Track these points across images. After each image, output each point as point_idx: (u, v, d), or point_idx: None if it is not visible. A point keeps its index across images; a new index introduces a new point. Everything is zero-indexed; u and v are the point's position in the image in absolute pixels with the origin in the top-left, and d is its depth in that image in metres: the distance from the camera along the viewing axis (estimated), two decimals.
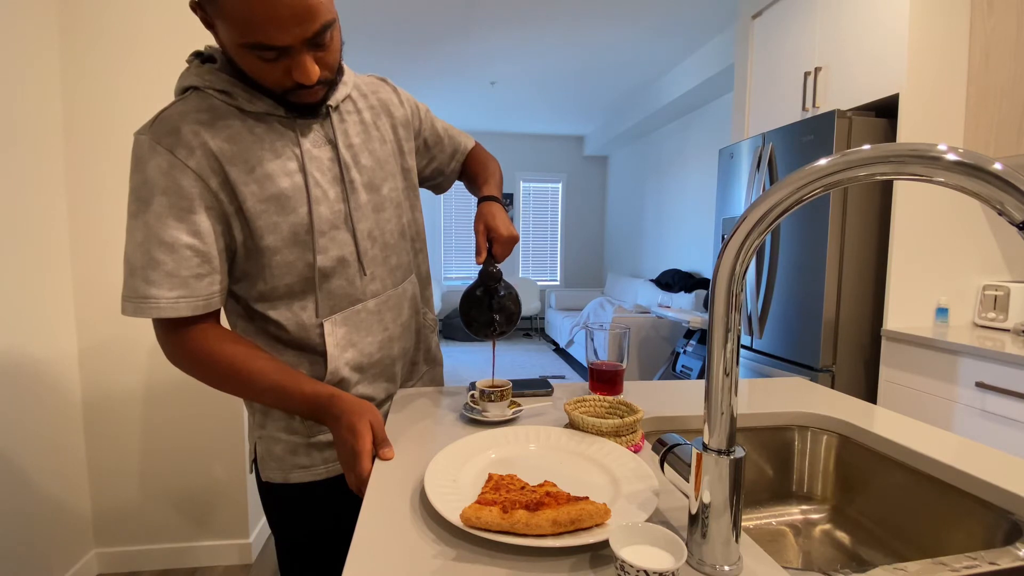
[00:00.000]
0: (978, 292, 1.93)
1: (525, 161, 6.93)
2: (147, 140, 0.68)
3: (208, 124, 0.70)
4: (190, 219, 0.68)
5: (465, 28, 3.54)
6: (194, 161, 0.68)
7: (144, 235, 0.67)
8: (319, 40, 0.65)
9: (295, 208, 0.74)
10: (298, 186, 0.74)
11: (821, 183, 0.40)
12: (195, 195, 0.68)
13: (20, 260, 1.52)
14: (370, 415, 0.69)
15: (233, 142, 0.70)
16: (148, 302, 0.67)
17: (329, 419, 0.70)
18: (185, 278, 0.68)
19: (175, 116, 0.69)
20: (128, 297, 0.68)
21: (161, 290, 0.67)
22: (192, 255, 0.69)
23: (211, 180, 0.69)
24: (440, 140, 0.99)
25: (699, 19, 3.38)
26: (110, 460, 1.81)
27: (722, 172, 2.58)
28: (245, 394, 0.74)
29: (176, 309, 0.68)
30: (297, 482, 0.83)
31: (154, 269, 0.67)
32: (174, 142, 0.68)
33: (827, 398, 0.97)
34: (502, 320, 0.85)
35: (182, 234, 0.68)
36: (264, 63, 0.65)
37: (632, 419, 0.72)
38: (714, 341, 0.45)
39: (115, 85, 1.69)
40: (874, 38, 1.93)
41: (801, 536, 0.82)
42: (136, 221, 0.68)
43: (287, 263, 0.75)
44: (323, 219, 0.76)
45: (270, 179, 0.72)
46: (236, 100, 0.71)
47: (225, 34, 0.64)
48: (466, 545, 0.50)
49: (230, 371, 0.71)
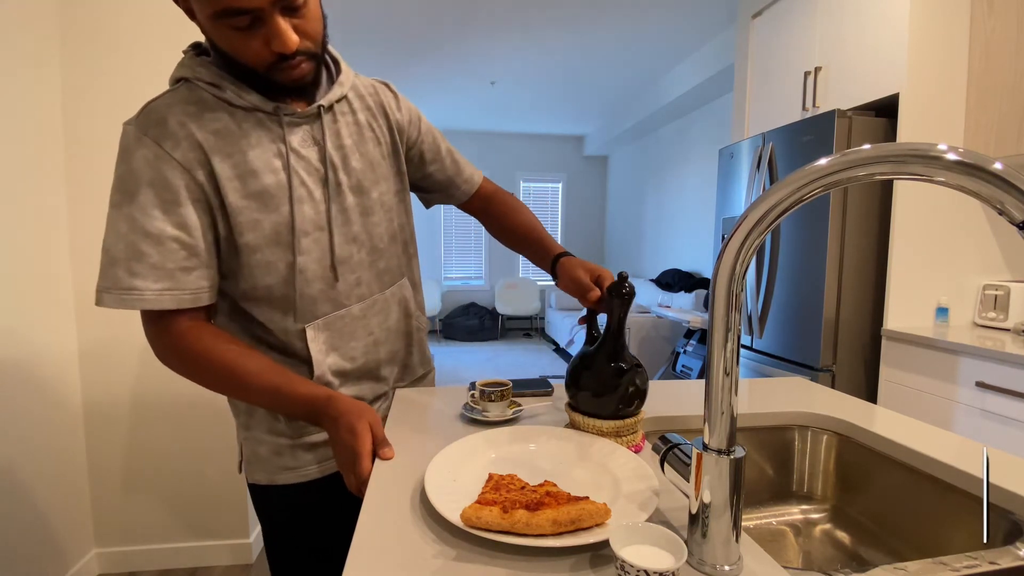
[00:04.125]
0: (978, 292, 1.93)
1: (525, 161, 6.93)
2: (133, 130, 0.67)
3: (195, 116, 0.69)
4: (176, 211, 0.67)
5: (465, 28, 3.54)
6: (180, 153, 0.67)
7: (128, 226, 0.66)
8: (291, 2, 0.64)
9: (277, 207, 0.72)
10: (282, 184, 0.72)
11: (821, 183, 0.40)
12: (181, 187, 0.67)
13: (20, 260, 1.52)
14: (369, 416, 0.68)
15: (219, 135, 0.69)
16: (132, 293, 0.65)
17: (326, 421, 0.69)
18: (171, 270, 0.67)
19: (162, 107, 0.69)
20: (108, 288, 0.65)
21: (146, 282, 0.66)
22: (179, 248, 0.67)
23: (197, 172, 0.68)
24: (439, 158, 0.95)
25: (699, 19, 3.38)
26: (110, 460, 1.81)
27: (722, 172, 2.58)
28: (238, 394, 0.72)
29: (160, 301, 0.66)
30: (285, 483, 0.82)
31: (139, 261, 0.65)
32: (160, 133, 0.67)
33: (827, 398, 0.97)
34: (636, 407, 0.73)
35: (168, 226, 0.67)
36: (239, 35, 0.64)
37: (632, 419, 0.72)
38: (714, 341, 0.45)
39: (115, 85, 1.69)
40: (874, 38, 1.93)
41: (801, 536, 0.82)
42: (119, 212, 0.66)
43: (267, 263, 0.73)
44: (307, 219, 0.74)
45: (254, 175, 0.71)
46: (224, 93, 0.70)
47: (199, 10, 0.63)
48: (466, 545, 0.50)
49: (223, 371, 0.69)
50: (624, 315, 0.73)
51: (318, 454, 0.83)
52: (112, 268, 0.65)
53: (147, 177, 0.66)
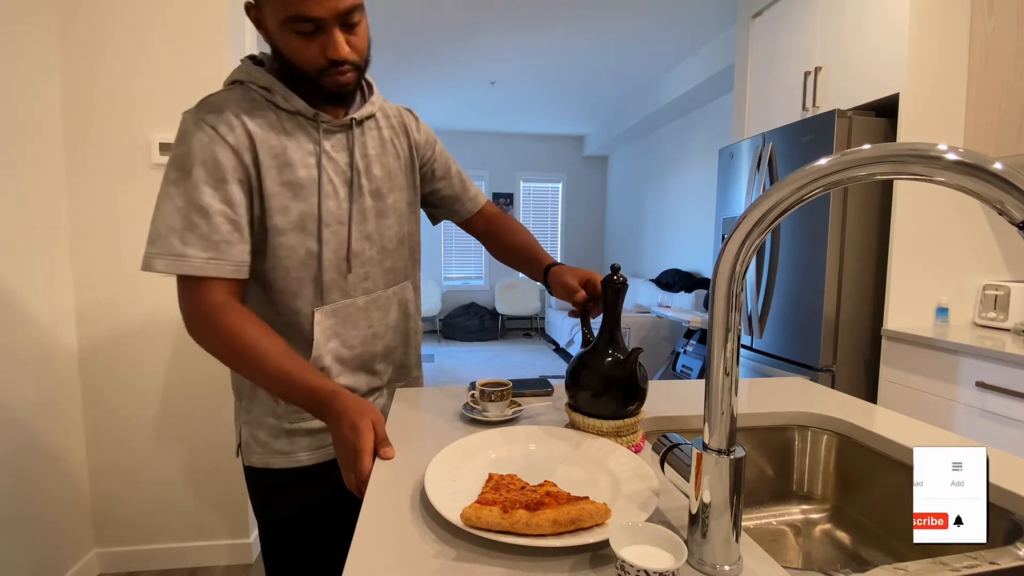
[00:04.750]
0: (978, 292, 1.93)
1: (525, 161, 6.93)
2: (192, 117, 0.76)
3: (247, 111, 0.79)
4: (224, 188, 0.75)
5: (465, 28, 3.54)
6: (233, 137, 0.76)
7: (184, 200, 0.73)
8: (349, 19, 0.75)
9: (306, 197, 0.81)
10: (312, 179, 0.82)
11: (821, 183, 0.40)
12: (230, 167, 0.75)
13: (20, 260, 1.52)
14: (372, 414, 0.70)
15: (265, 128, 0.79)
16: (182, 260, 0.72)
17: (330, 416, 0.71)
18: (216, 242, 0.74)
19: (220, 100, 0.78)
20: (160, 254, 0.72)
21: (195, 250, 0.73)
22: (224, 221, 0.75)
23: (244, 155, 0.77)
24: (448, 176, 1.05)
25: (699, 19, 3.38)
26: (110, 460, 1.81)
27: (722, 172, 2.58)
28: (251, 373, 0.76)
29: (207, 269, 0.73)
30: (278, 467, 0.86)
31: (190, 231, 0.73)
32: (217, 120, 0.76)
33: (827, 398, 0.97)
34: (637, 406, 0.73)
35: (216, 202, 0.74)
36: (301, 40, 0.74)
37: (632, 419, 0.72)
38: (714, 341, 0.45)
39: (115, 85, 1.69)
40: (874, 38, 1.93)
41: (801, 536, 0.82)
42: (176, 188, 0.74)
43: (289, 246, 0.81)
44: (330, 213, 0.83)
45: (289, 166, 0.80)
46: (274, 96, 0.80)
47: (270, 16, 0.74)
48: (466, 545, 0.50)
49: (245, 348, 0.73)
50: (619, 306, 0.74)
51: (314, 440, 0.87)
52: (166, 237, 0.72)
53: (201, 157, 0.74)
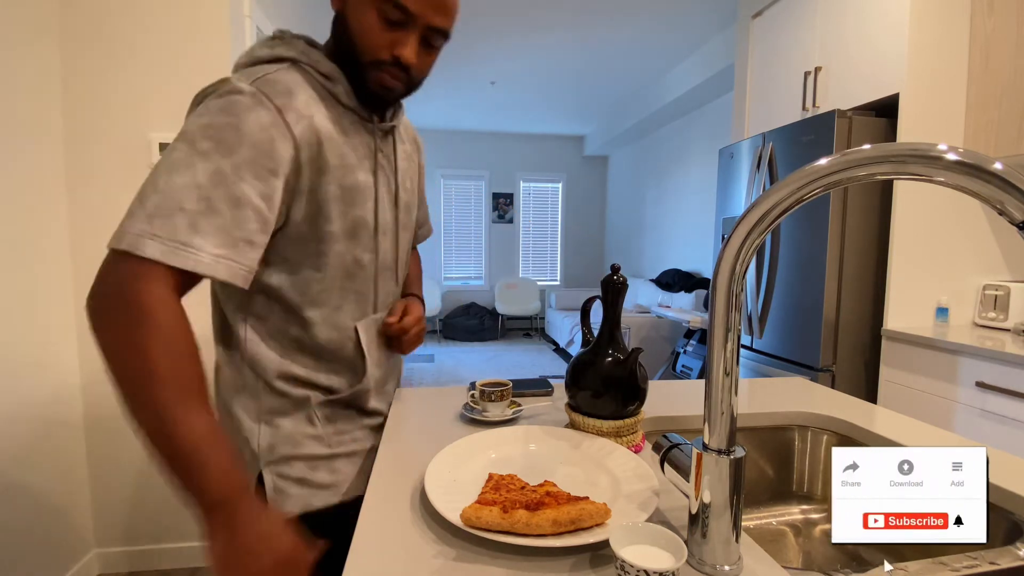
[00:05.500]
0: (978, 292, 1.93)
1: (525, 161, 6.93)
2: (254, 90, 0.64)
3: (317, 102, 0.70)
4: (270, 183, 0.63)
5: (465, 28, 3.54)
6: (299, 129, 0.66)
7: (210, 180, 0.59)
8: (433, 38, 0.72)
9: (363, 203, 0.75)
10: (369, 184, 0.76)
11: (821, 183, 0.40)
12: (284, 161, 0.65)
13: (20, 260, 1.52)
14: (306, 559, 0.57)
15: (333, 125, 0.72)
16: (185, 249, 0.56)
17: (238, 516, 0.55)
18: (236, 239, 0.60)
19: (288, 81, 0.68)
20: (157, 236, 0.55)
21: (206, 241, 0.57)
22: (255, 218, 0.62)
23: (303, 152, 0.67)
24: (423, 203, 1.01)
25: (699, 19, 3.38)
26: (110, 460, 1.81)
27: (722, 172, 2.58)
28: (161, 409, 0.56)
29: (214, 268, 0.58)
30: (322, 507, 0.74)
31: (207, 217, 0.58)
32: (286, 104, 0.65)
33: (827, 398, 0.97)
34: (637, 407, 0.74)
35: (254, 194, 0.62)
36: (381, 23, 0.68)
37: (632, 419, 0.72)
38: (714, 341, 0.45)
39: (115, 85, 1.69)
40: (874, 38, 1.93)
41: (801, 536, 0.82)
42: (205, 162, 0.59)
43: (338, 254, 0.74)
44: (385, 221, 0.80)
45: (351, 170, 0.73)
46: (335, 88, 0.73)
47: None
48: (466, 545, 0.50)
49: (173, 368, 0.56)
50: (619, 306, 0.74)
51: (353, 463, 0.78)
52: (170, 216, 0.56)
53: (255, 138, 0.62)
